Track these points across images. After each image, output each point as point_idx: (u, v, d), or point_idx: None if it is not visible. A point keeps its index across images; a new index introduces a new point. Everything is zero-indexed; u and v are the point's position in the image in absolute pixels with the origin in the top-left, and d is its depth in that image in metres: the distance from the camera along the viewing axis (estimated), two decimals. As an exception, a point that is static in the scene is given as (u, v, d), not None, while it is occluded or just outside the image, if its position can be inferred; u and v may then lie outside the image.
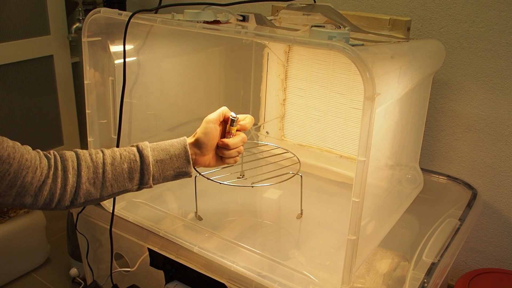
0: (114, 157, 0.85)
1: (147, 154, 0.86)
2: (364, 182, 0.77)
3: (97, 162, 0.83)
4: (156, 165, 0.87)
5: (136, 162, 0.86)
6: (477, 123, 1.30)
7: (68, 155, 0.82)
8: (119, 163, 0.85)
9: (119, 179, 0.85)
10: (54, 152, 0.82)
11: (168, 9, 1.02)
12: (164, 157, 0.88)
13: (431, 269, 0.93)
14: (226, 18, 1.00)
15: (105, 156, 0.84)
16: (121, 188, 0.86)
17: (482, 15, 1.22)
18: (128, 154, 0.86)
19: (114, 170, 0.84)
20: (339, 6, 1.42)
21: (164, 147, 0.89)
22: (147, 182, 0.87)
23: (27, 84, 1.99)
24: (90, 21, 1.02)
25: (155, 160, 0.87)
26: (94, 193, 0.83)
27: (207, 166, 0.96)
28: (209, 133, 0.92)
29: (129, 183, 0.86)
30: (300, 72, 1.36)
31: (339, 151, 1.33)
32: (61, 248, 1.76)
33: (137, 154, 0.86)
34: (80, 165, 0.82)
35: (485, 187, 1.34)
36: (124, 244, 1.14)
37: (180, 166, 0.90)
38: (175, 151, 0.89)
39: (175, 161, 0.89)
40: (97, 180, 0.83)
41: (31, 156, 0.77)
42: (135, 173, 0.86)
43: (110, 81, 1.08)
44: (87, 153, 0.84)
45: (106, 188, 0.84)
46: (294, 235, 1.10)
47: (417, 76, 1.00)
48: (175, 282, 1.08)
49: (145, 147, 0.87)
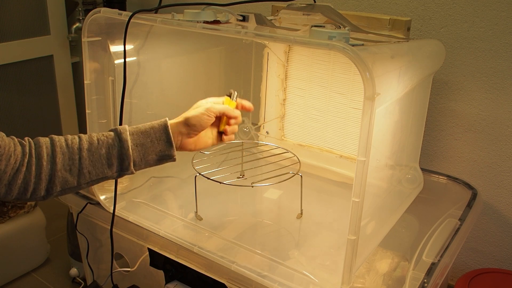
0: (91, 142, 0.80)
1: (125, 138, 0.82)
2: (364, 182, 0.77)
3: (73, 148, 0.79)
4: (136, 150, 0.82)
5: (114, 147, 0.81)
6: (477, 123, 1.30)
7: (42, 142, 0.78)
8: (96, 148, 0.80)
9: (97, 165, 0.80)
10: (29, 139, 0.78)
11: (168, 9, 1.02)
12: (144, 140, 0.83)
13: (431, 269, 0.93)
14: (226, 18, 1.00)
15: (82, 142, 0.80)
16: (100, 175, 0.81)
17: (482, 15, 1.22)
18: (106, 138, 0.81)
19: (91, 156, 0.79)
20: (339, 6, 1.42)
21: (144, 130, 0.84)
22: (127, 168, 0.82)
23: (27, 84, 1.99)
24: (90, 21, 1.02)
25: (134, 144, 0.82)
26: (71, 180, 0.78)
27: (194, 149, 0.92)
28: (203, 119, 0.88)
29: (108, 169, 0.81)
30: (300, 72, 1.36)
31: (339, 151, 1.33)
32: (61, 248, 1.76)
33: (116, 139, 0.81)
34: (54, 152, 0.77)
35: (485, 187, 1.34)
36: (124, 244, 1.14)
37: (162, 150, 0.85)
38: (155, 134, 0.84)
39: (157, 145, 0.84)
40: (73, 167, 0.78)
41: (5, 143, 0.73)
42: (114, 158, 0.81)
43: (110, 81, 1.08)
44: (63, 139, 0.80)
45: (84, 175, 0.79)
46: (294, 235, 1.10)
47: (417, 76, 1.00)
48: (175, 282, 1.08)
49: (124, 130, 0.83)
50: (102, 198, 1.14)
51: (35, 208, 1.65)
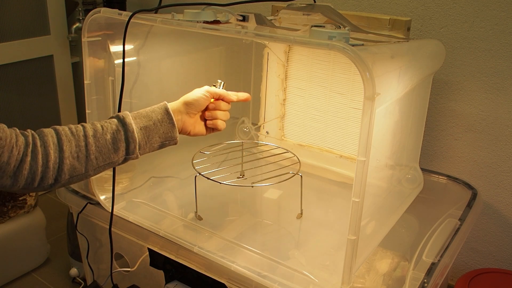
0: (96, 129, 0.81)
1: (130, 122, 0.83)
2: (364, 182, 0.77)
3: (78, 135, 0.79)
4: (141, 132, 0.84)
5: (119, 132, 0.82)
6: (477, 123, 1.30)
7: (47, 131, 0.78)
8: (101, 134, 0.81)
9: (103, 150, 0.80)
10: (31, 131, 0.78)
11: (168, 9, 1.02)
12: (148, 123, 0.85)
13: (431, 269, 0.93)
14: (226, 18, 1.00)
15: (86, 129, 0.80)
16: (106, 161, 0.81)
17: (482, 15, 1.22)
18: (110, 124, 0.82)
19: (97, 142, 0.80)
20: (339, 6, 1.42)
21: (145, 114, 0.86)
22: (133, 151, 0.83)
23: (27, 84, 1.99)
24: (90, 21, 1.02)
25: (139, 127, 0.84)
26: (79, 168, 0.79)
27: (193, 132, 0.94)
28: (201, 98, 0.92)
29: (115, 154, 0.82)
30: (300, 72, 1.36)
31: (339, 151, 1.33)
32: (61, 248, 1.76)
33: (119, 123, 0.83)
34: (61, 140, 0.78)
35: (485, 187, 1.34)
36: (124, 244, 1.14)
37: (166, 131, 0.87)
38: (157, 116, 0.86)
39: (159, 127, 0.86)
40: (80, 154, 0.79)
41: (6, 135, 0.72)
42: (120, 142, 0.82)
43: (110, 81, 1.08)
44: (67, 128, 0.80)
45: (91, 161, 0.80)
46: (294, 235, 1.10)
47: (417, 76, 1.00)
48: (175, 282, 1.08)
49: (126, 115, 0.84)
50: (102, 198, 1.14)
51: (35, 208, 1.65)
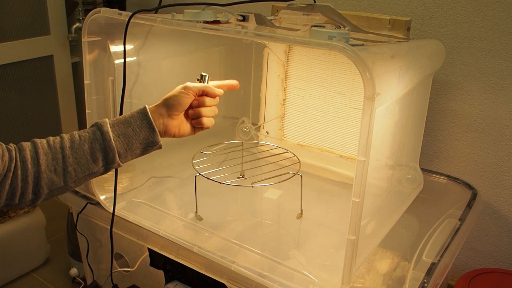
0: (73, 140, 0.80)
1: (106, 130, 0.81)
2: (364, 182, 0.77)
3: (55, 147, 0.79)
4: (119, 140, 0.82)
5: (96, 141, 0.80)
6: (477, 123, 1.30)
7: (25, 145, 0.78)
8: (78, 145, 0.80)
9: (81, 162, 0.79)
10: (13, 145, 0.78)
11: (168, 9, 1.02)
12: (126, 130, 0.82)
13: (431, 269, 0.93)
14: (226, 18, 1.00)
15: (63, 140, 0.80)
16: (86, 172, 0.80)
17: (482, 15, 1.22)
18: (88, 134, 0.81)
19: (75, 153, 0.79)
20: (339, 6, 1.42)
21: (124, 120, 0.84)
22: (112, 160, 0.81)
23: (27, 84, 1.99)
24: (90, 21, 1.02)
25: (116, 135, 0.82)
26: (57, 181, 0.78)
27: (178, 134, 0.91)
28: (181, 98, 0.88)
29: (94, 164, 0.80)
30: (300, 72, 1.36)
31: (339, 151, 1.33)
32: (61, 248, 1.76)
33: (97, 132, 0.81)
34: (37, 153, 0.77)
35: (485, 187, 1.34)
36: (124, 244, 1.14)
37: (146, 137, 0.84)
38: (136, 122, 0.84)
39: (139, 133, 0.83)
40: (57, 167, 0.78)
41: None
42: (98, 152, 0.80)
43: (110, 81, 1.08)
44: (45, 141, 0.80)
45: (69, 173, 0.79)
46: (294, 235, 1.10)
47: (417, 76, 1.00)
48: (175, 282, 1.08)
49: (104, 123, 0.82)
50: (102, 198, 1.14)
51: (35, 208, 1.65)
